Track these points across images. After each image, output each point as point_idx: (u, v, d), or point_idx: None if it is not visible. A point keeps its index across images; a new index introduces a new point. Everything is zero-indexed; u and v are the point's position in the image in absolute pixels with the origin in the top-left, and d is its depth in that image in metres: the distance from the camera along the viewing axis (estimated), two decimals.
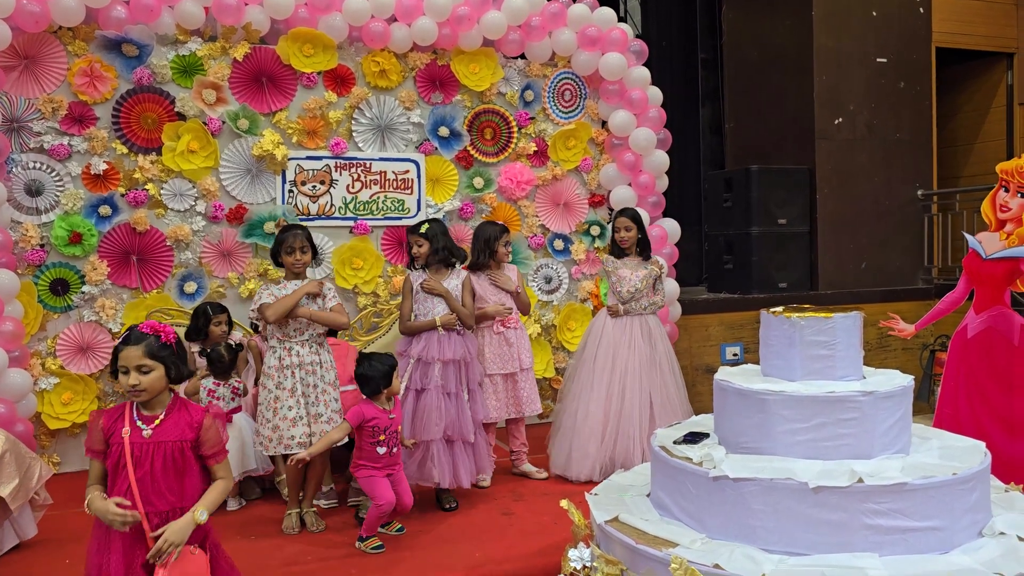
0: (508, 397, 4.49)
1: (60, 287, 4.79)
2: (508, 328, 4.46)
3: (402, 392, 3.95)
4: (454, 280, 4.16)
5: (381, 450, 3.61)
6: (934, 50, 7.04)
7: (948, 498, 2.44)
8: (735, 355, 6.22)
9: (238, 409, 4.24)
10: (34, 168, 4.73)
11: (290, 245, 3.83)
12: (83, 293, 4.82)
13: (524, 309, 4.59)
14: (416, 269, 4.23)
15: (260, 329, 4.27)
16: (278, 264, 3.96)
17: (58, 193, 4.78)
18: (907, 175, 6.93)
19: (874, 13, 6.78)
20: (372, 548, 3.59)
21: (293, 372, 3.78)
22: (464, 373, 4.13)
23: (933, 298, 6.45)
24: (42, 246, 4.75)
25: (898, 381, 2.72)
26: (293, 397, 3.76)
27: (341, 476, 4.38)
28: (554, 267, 5.90)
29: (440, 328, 4.06)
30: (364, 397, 3.66)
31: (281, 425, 3.76)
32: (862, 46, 6.74)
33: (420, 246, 4.16)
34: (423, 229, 4.16)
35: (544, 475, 4.56)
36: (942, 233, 6.94)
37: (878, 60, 6.80)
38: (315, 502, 4.03)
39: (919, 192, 6.95)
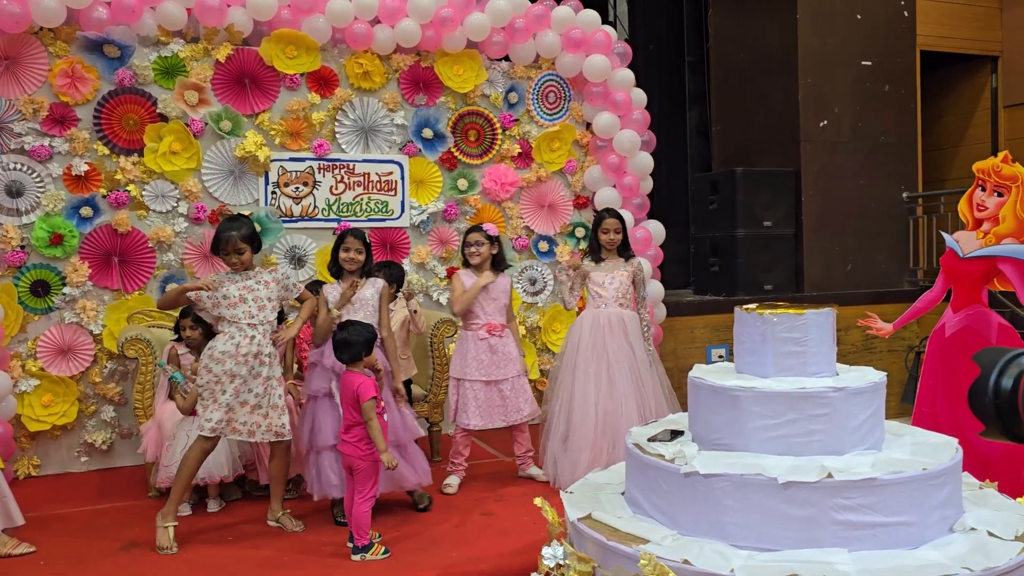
0: (494, 405, 4.40)
1: (41, 289, 4.77)
2: (492, 335, 4.44)
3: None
4: (370, 289, 4.04)
5: (387, 417, 3.63)
6: (919, 53, 7.07)
7: (918, 493, 2.43)
8: (720, 356, 6.22)
9: None
10: (15, 169, 4.71)
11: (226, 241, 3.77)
12: (64, 295, 4.80)
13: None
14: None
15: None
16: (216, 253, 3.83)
17: (39, 194, 4.76)
18: (892, 178, 6.95)
19: (859, 16, 6.80)
20: (382, 554, 3.47)
21: (248, 360, 3.64)
22: (389, 381, 3.98)
23: None
24: (23, 247, 4.73)
25: (870, 377, 2.72)
26: (233, 383, 3.63)
27: None
28: (539, 269, 5.89)
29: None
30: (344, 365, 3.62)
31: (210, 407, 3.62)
32: (847, 48, 6.76)
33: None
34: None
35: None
36: (927, 235, 6.96)
37: (863, 63, 6.82)
38: None
39: (904, 195, 6.97)
